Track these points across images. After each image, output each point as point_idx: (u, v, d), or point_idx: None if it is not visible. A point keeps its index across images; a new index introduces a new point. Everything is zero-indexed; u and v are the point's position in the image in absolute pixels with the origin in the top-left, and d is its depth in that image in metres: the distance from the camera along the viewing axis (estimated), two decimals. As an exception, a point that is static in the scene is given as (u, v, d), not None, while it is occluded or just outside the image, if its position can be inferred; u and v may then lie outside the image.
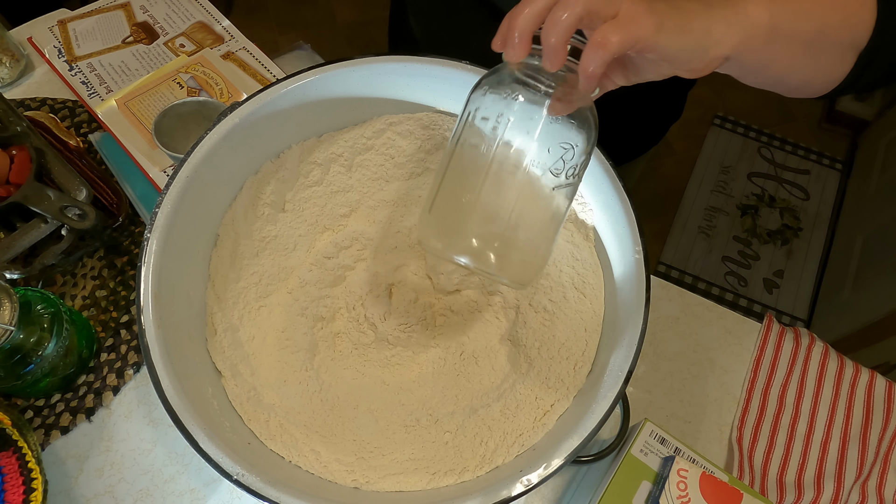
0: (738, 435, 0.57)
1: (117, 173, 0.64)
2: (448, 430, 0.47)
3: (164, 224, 0.43)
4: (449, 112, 0.53)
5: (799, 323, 1.57)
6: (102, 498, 0.51)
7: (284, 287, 0.52)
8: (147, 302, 0.41)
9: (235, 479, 0.37)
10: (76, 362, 0.54)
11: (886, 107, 1.75)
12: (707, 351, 0.61)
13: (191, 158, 0.45)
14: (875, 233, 1.47)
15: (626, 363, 0.40)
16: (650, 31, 0.32)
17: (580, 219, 0.50)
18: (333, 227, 0.55)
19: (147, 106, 0.68)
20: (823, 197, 1.76)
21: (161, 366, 0.39)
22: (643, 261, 0.43)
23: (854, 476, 0.55)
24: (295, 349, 0.50)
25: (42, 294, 0.51)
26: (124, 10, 0.77)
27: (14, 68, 0.72)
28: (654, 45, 0.32)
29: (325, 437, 0.46)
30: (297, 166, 0.52)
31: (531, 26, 0.33)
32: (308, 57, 0.93)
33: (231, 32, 0.76)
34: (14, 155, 0.56)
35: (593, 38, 0.31)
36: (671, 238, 1.68)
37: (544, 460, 0.38)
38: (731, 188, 1.77)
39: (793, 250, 1.67)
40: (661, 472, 0.47)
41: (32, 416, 0.53)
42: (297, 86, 0.48)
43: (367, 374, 0.52)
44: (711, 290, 1.61)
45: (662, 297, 0.64)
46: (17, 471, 0.44)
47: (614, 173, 0.45)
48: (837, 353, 0.62)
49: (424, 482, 0.43)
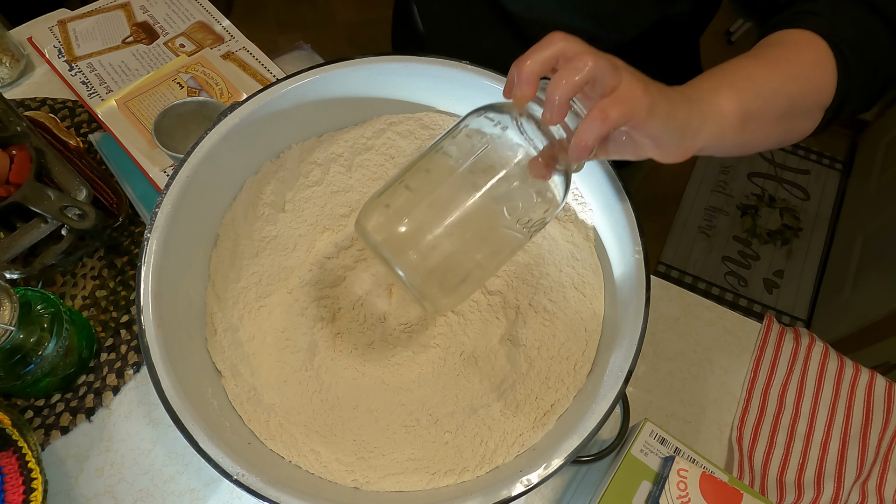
0: (738, 435, 0.57)
1: (117, 173, 0.64)
2: (448, 430, 0.47)
3: (164, 224, 0.43)
4: (449, 112, 0.53)
5: (799, 323, 1.57)
6: (102, 498, 0.51)
7: (284, 287, 0.52)
8: (147, 302, 0.41)
9: (235, 479, 0.37)
10: (76, 362, 0.54)
11: (886, 107, 1.75)
12: (707, 351, 0.61)
13: (191, 158, 0.45)
14: (875, 233, 1.47)
15: (626, 363, 0.40)
16: (644, 111, 0.33)
17: (580, 219, 0.50)
18: (333, 227, 0.55)
19: (147, 106, 0.68)
20: (823, 197, 1.76)
21: (161, 366, 0.39)
22: (643, 261, 0.43)
23: (854, 476, 0.55)
24: (295, 349, 0.50)
25: (42, 294, 0.51)
26: (124, 10, 0.77)
27: (14, 68, 0.72)
28: (643, 124, 0.34)
29: (325, 437, 0.46)
30: (297, 166, 0.52)
31: (539, 69, 0.34)
32: (308, 57, 0.93)
33: (231, 32, 0.76)
34: (14, 155, 0.56)
35: (594, 110, 0.32)
36: (671, 238, 1.68)
37: (544, 460, 0.38)
38: (731, 188, 1.77)
39: (793, 250, 1.67)
40: (661, 472, 0.47)
41: (32, 416, 0.53)
42: (297, 86, 0.48)
43: (367, 374, 0.52)
44: (711, 290, 1.61)
45: (662, 297, 0.64)
46: (17, 471, 0.44)
47: (614, 173, 0.45)
48: (837, 353, 0.62)
49: (424, 482, 0.43)
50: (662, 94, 0.35)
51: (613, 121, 0.32)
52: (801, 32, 0.41)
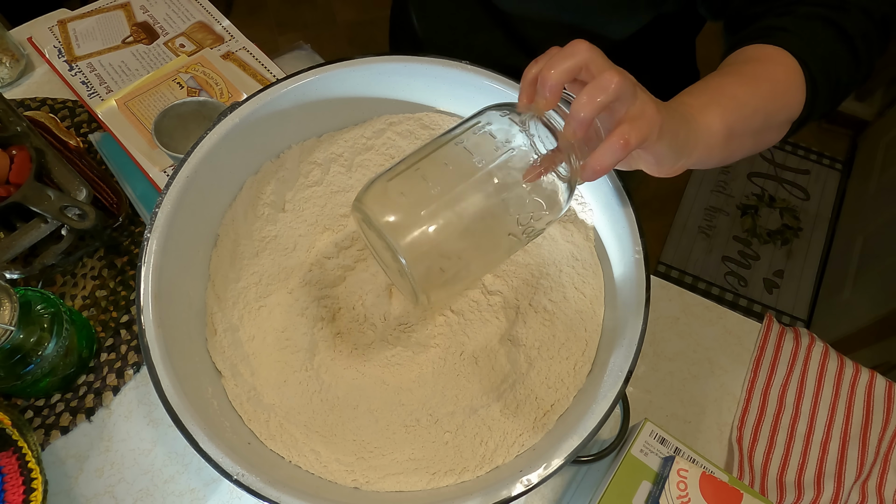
0: (738, 435, 0.57)
1: (117, 173, 0.64)
2: (448, 430, 0.47)
3: (164, 224, 0.43)
4: (449, 112, 0.53)
5: (799, 323, 1.57)
6: (102, 498, 0.51)
7: (284, 287, 0.52)
8: (147, 302, 0.41)
9: (235, 479, 0.37)
10: (76, 362, 0.54)
11: (886, 107, 1.75)
12: (707, 351, 0.61)
13: (191, 158, 0.45)
14: (875, 233, 1.47)
15: (626, 363, 0.40)
16: (657, 133, 0.34)
17: (580, 219, 0.50)
18: (333, 227, 0.55)
19: (147, 106, 0.68)
20: (823, 197, 1.76)
21: (161, 366, 0.39)
22: (643, 261, 0.43)
23: (854, 476, 0.55)
24: (295, 349, 0.50)
25: (42, 294, 0.51)
26: (124, 10, 0.77)
27: (14, 68, 0.72)
28: (653, 145, 0.35)
29: (325, 437, 0.46)
30: (297, 166, 0.52)
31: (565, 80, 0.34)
32: (308, 57, 0.93)
33: (231, 32, 0.76)
34: (14, 155, 0.56)
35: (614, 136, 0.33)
36: (671, 238, 1.68)
37: (544, 460, 0.38)
38: (731, 188, 1.77)
39: (793, 250, 1.67)
40: (661, 472, 0.47)
41: (32, 416, 0.53)
42: (297, 86, 0.48)
43: (367, 374, 0.52)
44: (711, 290, 1.61)
45: (662, 297, 0.64)
46: (17, 471, 0.44)
47: (614, 173, 0.45)
48: (837, 353, 0.62)
49: (424, 482, 0.43)
50: (668, 114, 0.35)
51: (633, 146, 0.33)
52: (774, 49, 0.43)
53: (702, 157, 0.39)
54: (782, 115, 0.43)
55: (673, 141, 0.36)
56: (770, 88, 0.42)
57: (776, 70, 0.42)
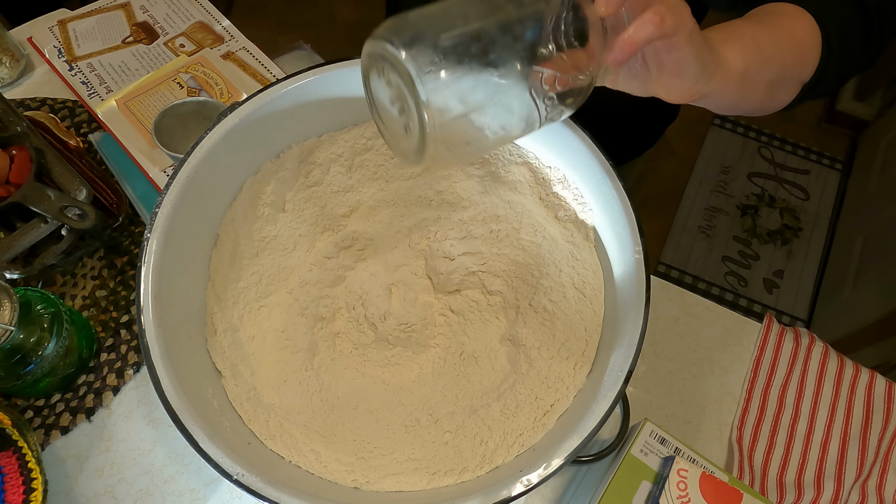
0: (738, 435, 0.57)
1: (117, 173, 0.64)
2: (448, 430, 0.47)
3: (164, 224, 0.43)
4: (449, 112, 0.53)
5: (799, 323, 1.57)
6: (102, 498, 0.51)
7: (284, 287, 0.52)
8: (147, 302, 0.41)
9: (235, 479, 0.37)
10: (76, 362, 0.54)
11: (886, 107, 1.75)
12: (707, 351, 0.61)
13: (191, 158, 0.45)
14: (875, 233, 1.47)
15: (626, 363, 0.40)
16: (687, 33, 0.33)
17: (580, 219, 0.50)
18: (333, 227, 0.55)
19: (147, 106, 0.68)
20: (823, 197, 1.76)
21: (161, 366, 0.39)
22: (643, 261, 0.43)
23: (854, 476, 0.55)
24: (295, 349, 0.50)
25: (42, 294, 0.51)
26: (124, 10, 0.77)
27: (14, 68, 0.72)
28: (680, 46, 0.33)
29: (325, 436, 0.46)
30: (297, 166, 0.52)
31: None
32: (308, 57, 0.93)
33: (231, 32, 0.76)
34: (14, 155, 0.56)
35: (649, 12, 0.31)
36: (671, 238, 1.68)
37: (544, 460, 0.38)
38: (731, 188, 1.77)
39: (793, 250, 1.67)
40: (661, 472, 0.47)
41: (32, 416, 0.53)
42: (297, 86, 0.48)
43: (367, 374, 0.52)
44: (711, 290, 1.61)
45: (662, 297, 0.64)
46: (17, 471, 0.44)
47: (614, 173, 0.45)
48: (837, 353, 0.62)
49: (424, 482, 0.43)
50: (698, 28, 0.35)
51: (666, 28, 0.31)
52: (794, 7, 0.43)
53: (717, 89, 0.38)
54: (796, 72, 0.43)
55: (700, 53, 0.35)
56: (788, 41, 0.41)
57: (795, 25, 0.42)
